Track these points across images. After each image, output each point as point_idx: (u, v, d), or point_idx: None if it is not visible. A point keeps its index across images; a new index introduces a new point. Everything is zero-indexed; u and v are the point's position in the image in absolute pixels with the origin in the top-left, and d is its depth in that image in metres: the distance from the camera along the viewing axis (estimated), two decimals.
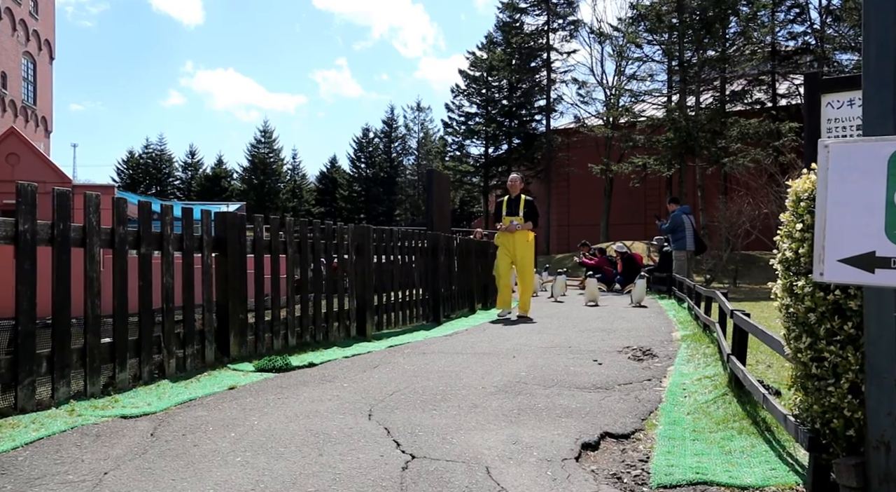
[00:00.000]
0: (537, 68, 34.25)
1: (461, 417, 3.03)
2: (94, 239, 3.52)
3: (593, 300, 10.05)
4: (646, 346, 5.27)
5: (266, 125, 49.32)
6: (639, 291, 9.76)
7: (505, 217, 8.18)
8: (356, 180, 47.28)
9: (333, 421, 2.95)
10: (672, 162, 23.35)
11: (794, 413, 2.15)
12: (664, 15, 23.60)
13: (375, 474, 2.25)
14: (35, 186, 3.19)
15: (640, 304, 9.65)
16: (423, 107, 54.95)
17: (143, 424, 2.91)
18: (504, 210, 8.23)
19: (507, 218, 8.14)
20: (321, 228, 5.69)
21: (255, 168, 46.73)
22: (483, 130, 35.31)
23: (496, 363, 4.48)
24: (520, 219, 8.07)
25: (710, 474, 2.24)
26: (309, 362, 4.47)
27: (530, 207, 8.17)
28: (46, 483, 2.17)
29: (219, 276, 4.55)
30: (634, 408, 3.22)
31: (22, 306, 3.08)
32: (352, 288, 6.14)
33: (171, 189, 47.41)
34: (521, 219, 8.06)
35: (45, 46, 29.62)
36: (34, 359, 3.11)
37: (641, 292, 9.78)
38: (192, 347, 4.19)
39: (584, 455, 2.53)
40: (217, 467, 2.34)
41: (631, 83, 27.95)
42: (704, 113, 23.46)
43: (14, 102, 26.60)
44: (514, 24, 34.25)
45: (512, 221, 8.07)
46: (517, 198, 8.19)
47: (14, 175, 15.33)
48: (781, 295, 2.13)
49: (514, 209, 8.13)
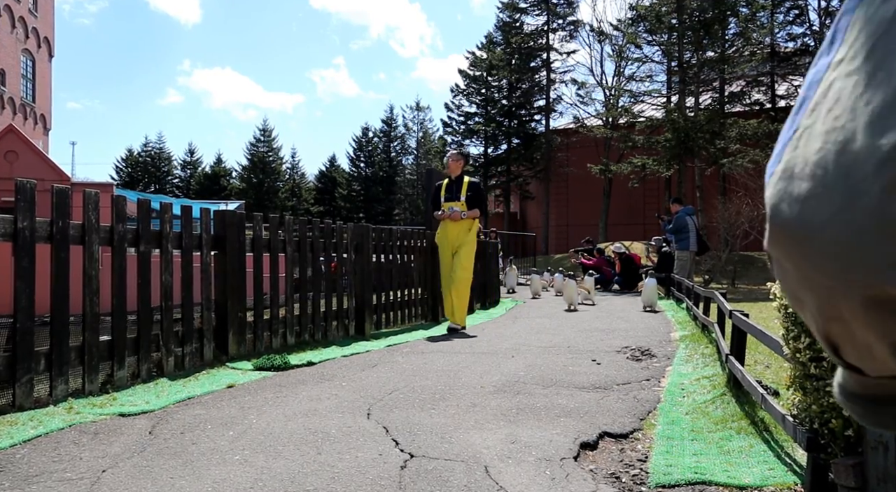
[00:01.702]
0: (537, 68, 34.25)
1: (460, 416, 3.03)
2: (92, 237, 3.52)
3: (572, 304, 8.91)
4: (644, 346, 5.27)
5: (265, 124, 49.36)
6: (648, 293, 8.61)
7: (443, 204, 6.65)
8: (355, 179, 47.27)
9: (332, 420, 2.95)
10: (671, 162, 23.35)
11: (792, 413, 2.15)
12: (664, 16, 23.60)
13: (374, 473, 2.25)
14: (34, 183, 3.19)
15: (652, 307, 8.53)
16: (423, 106, 54.97)
17: (142, 422, 2.91)
18: (443, 195, 6.68)
19: (447, 204, 6.62)
20: (320, 226, 5.69)
21: (254, 167, 46.70)
22: (482, 130, 35.30)
23: (495, 363, 4.48)
24: (461, 205, 6.56)
25: (708, 474, 2.24)
26: (308, 361, 4.46)
27: (475, 191, 6.65)
28: (44, 481, 2.17)
29: (218, 274, 4.55)
30: (633, 408, 3.22)
31: (20, 304, 3.07)
32: (351, 287, 6.14)
33: (170, 187, 47.36)
34: (462, 205, 6.56)
35: (44, 44, 29.58)
36: (32, 356, 3.11)
37: (651, 295, 8.60)
38: (190, 345, 4.19)
39: (582, 455, 2.53)
40: (215, 465, 2.34)
41: (630, 84, 27.97)
42: (703, 114, 23.47)
43: (13, 100, 26.56)
44: (514, 24, 34.25)
45: (452, 208, 6.55)
46: (458, 180, 6.68)
47: (13, 172, 15.29)
48: (780, 295, 2.13)
49: (456, 193, 6.62)
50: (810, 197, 0.42)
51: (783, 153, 0.46)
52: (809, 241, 0.42)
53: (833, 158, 0.41)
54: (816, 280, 0.43)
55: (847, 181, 0.40)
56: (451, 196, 6.62)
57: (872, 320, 0.41)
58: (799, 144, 0.44)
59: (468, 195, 6.57)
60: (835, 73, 0.44)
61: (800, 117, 0.46)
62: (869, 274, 0.39)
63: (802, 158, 0.43)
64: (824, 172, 0.41)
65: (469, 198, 6.58)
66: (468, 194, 6.57)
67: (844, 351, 0.46)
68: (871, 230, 0.39)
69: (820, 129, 0.43)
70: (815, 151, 0.43)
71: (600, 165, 26.84)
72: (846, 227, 0.40)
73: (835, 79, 0.44)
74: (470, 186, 6.62)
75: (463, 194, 6.56)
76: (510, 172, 34.81)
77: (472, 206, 6.59)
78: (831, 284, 0.42)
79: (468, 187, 6.60)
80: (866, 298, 0.40)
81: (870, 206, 0.39)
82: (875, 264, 0.39)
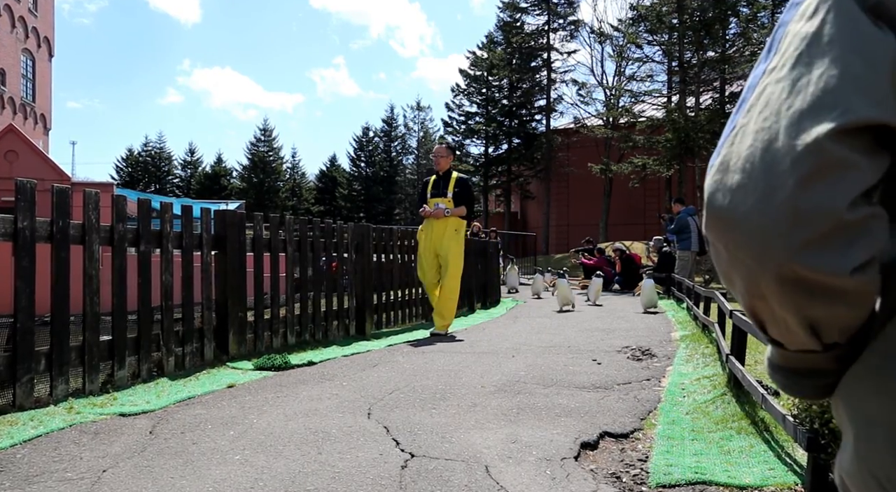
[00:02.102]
0: (537, 68, 34.25)
1: (460, 416, 3.03)
2: (93, 236, 3.51)
3: (567, 305, 8.67)
4: (645, 346, 5.27)
5: (266, 124, 49.39)
6: (646, 294, 8.35)
7: (429, 200, 6.29)
8: (356, 179, 47.27)
9: (333, 420, 2.95)
10: (671, 162, 23.35)
11: (792, 413, 2.15)
12: (664, 16, 23.59)
13: (375, 473, 2.25)
14: (34, 182, 3.19)
15: (652, 309, 8.31)
16: (423, 106, 54.95)
17: (142, 422, 2.91)
18: (429, 191, 6.34)
19: (433, 201, 6.26)
20: (321, 226, 5.69)
21: (254, 167, 46.72)
22: (483, 130, 35.30)
23: (495, 362, 4.48)
24: (448, 202, 6.18)
25: (708, 474, 2.24)
26: (308, 361, 4.46)
27: (462, 188, 6.26)
28: (45, 481, 2.17)
29: (218, 274, 4.55)
30: (633, 407, 3.22)
31: (21, 304, 3.07)
32: (351, 287, 6.14)
33: (170, 187, 47.37)
34: (449, 202, 6.18)
35: (44, 44, 29.59)
36: (33, 356, 3.11)
37: (650, 296, 8.34)
38: (191, 345, 4.19)
39: (583, 454, 2.53)
40: (216, 465, 2.34)
41: (631, 84, 27.97)
42: (704, 114, 23.46)
43: (13, 99, 26.57)
44: (515, 24, 34.25)
45: (437, 205, 6.16)
46: (446, 175, 6.30)
47: (13, 172, 15.30)
48: None
49: (443, 190, 6.24)
50: (739, 188, 0.48)
51: (722, 148, 0.51)
52: (737, 226, 0.47)
53: (759, 155, 0.47)
54: (742, 261, 0.48)
55: (768, 175, 0.46)
56: (437, 192, 6.26)
57: (787, 297, 0.47)
58: (735, 141, 0.50)
59: (455, 192, 6.19)
60: (768, 78, 0.50)
61: (738, 117, 0.52)
62: (782, 255, 0.45)
63: (736, 154, 0.49)
64: (752, 166, 0.47)
65: (456, 194, 6.19)
66: (455, 191, 6.20)
67: (768, 327, 0.52)
68: (784, 218, 0.45)
69: (752, 128, 0.49)
70: (747, 147, 0.49)
71: (601, 165, 26.84)
72: (766, 215, 0.46)
73: (767, 84, 0.50)
74: (457, 182, 6.24)
75: (450, 190, 6.19)
76: (511, 171, 34.81)
77: (459, 203, 6.20)
78: (753, 264, 0.47)
79: (456, 183, 6.23)
80: (780, 277, 0.46)
81: (784, 197, 0.45)
82: (787, 247, 0.45)
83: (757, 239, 0.46)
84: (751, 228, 0.46)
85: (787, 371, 0.56)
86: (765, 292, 0.48)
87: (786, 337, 0.51)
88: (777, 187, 0.45)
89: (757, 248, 0.46)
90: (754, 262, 0.47)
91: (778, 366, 0.57)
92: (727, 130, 0.52)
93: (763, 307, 0.50)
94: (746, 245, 0.47)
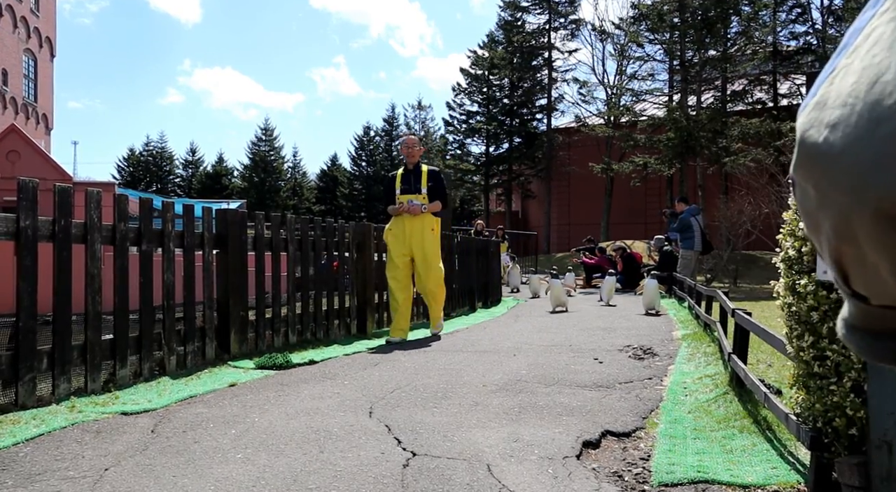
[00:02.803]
0: (538, 67, 34.23)
1: (462, 414, 3.03)
2: (95, 235, 3.52)
3: (561, 306, 8.44)
4: (646, 345, 5.27)
5: (267, 123, 49.41)
6: (648, 295, 8.06)
7: (399, 196, 5.72)
8: (357, 178, 47.27)
9: (334, 418, 2.95)
10: (673, 161, 23.35)
11: (795, 412, 2.14)
12: (666, 14, 23.58)
13: (376, 472, 2.25)
14: (36, 182, 3.19)
15: (654, 311, 8.01)
16: (424, 105, 54.91)
17: (144, 420, 2.91)
18: (398, 186, 5.76)
19: (404, 197, 5.71)
20: (322, 225, 5.69)
21: (255, 166, 46.73)
22: (484, 129, 35.28)
23: (497, 361, 4.48)
24: (422, 198, 5.68)
25: (711, 473, 2.23)
26: (310, 360, 4.46)
27: (437, 181, 5.75)
28: (47, 479, 2.17)
29: (220, 273, 4.55)
30: (635, 406, 3.21)
31: (23, 303, 3.08)
32: (352, 286, 6.14)
33: (171, 187, 47.40)
34: (423, 198, 5.69)
35: (46, 44, 29.60)
36: (35, 355, 3.11)
37: (652, 297, 8.03)
38: (192, 344, 4.19)
39: (585, 453, 2.52)
40: (218, 463, 2.34)
41: (632, 82, 27.98)
42: (705, 112, 23.45)
43: (15, 99, 26.59)
44: (516, 23, 34.22)
45: (411, 201, 5.66)
46: (416, 169, 5.80)
47: (15, 172, 15.31)
48: (784, 293, 2.12)
49: (415, 185, 5.72)
50: (839, 123, 0.45)
51: (819, 88, 0.49)
52: (833, 161, 0.45)
53: (865, 88, 0.44)
54: (834, 198, 0.45)
55: (874, 109, 0.43)
56: (408, 188, 5.73)
57: (882, 236, 0.44)
58: (835, 81, 0.47)
59: (430, 186, 5.70)
60: (878, 20, 0.47)
61: (839, 59, 0.49)
62: (881, 189, 0.42)
63: (836, 91, 0.47)
64: (855, 100, 0.44)
65: (431, 189, 5.70)
66: (430, 185, 5.70)
67: (853, 277, 0.49)
68: (888, 151, 0.42)
69: (857, 66, 0.46)
70: (850, 84, 0.46)
71: (602, 164, 26.83)
72: (868, 147, 0.43)
73: (878, 25, 0.46)
74: (430, 176, 5.75)
75: (424, 185, 5.70)
76: (512, 170, 34.79)
77: (434, 197, 5.72)
78: (848, 201, 0.44)
79: (429, 177, 5.73)
80: (878, 213, 0.43)
81: (890, 130, 0.42)
82: (889, 182, 0.42)
83: (855, 173, 0.43)
84: (850, 162, 0.43)
85: (865, 332, 0.52)
86: (857, 233, 0.45)
87: (874, 288, 0.47)
88: (883, 120, 0.42)
89: (854, 182, 0.43)
90: (851, 198, 0.44)
91: (856, 327, 0.53)
92: (824, 73, 0.49)
93: (851, 253, 0.47)
94: (842, 180, 0.44)
